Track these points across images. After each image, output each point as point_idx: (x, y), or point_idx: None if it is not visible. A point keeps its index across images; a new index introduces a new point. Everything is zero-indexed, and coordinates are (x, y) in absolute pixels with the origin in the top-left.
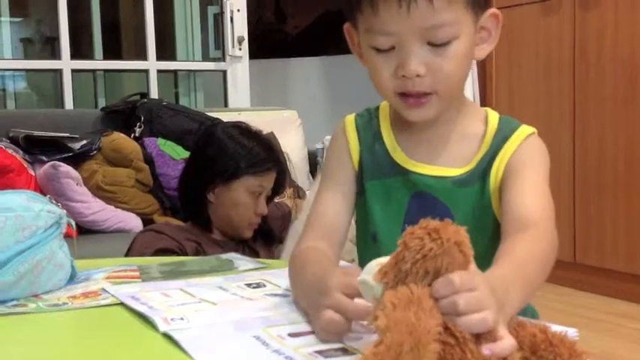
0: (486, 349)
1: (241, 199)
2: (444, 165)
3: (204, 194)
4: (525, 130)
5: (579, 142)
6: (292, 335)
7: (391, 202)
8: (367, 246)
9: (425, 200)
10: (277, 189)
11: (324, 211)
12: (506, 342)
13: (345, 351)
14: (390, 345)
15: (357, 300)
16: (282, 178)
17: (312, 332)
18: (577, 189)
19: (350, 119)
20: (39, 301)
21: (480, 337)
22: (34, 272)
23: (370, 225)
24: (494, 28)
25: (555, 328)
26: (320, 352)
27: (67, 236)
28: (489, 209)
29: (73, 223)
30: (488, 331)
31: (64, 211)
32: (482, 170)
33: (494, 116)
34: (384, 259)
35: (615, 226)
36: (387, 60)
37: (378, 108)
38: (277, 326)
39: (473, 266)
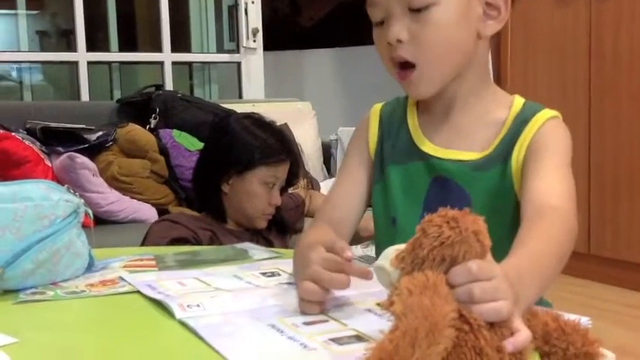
0: (509, 344)
1: (255, 190)
2: (464, 149)
3: (219, 185)
4: (547, 113)
5: (595, 134)
6: (307, 324)
7: (412, 186)
8: (386, 230)
9: (444, 184)
10: (291, 180)
11: (334, 202)
12: (523, 334)
13: (359, 338)
14: (405, 330)
15: (335, 274)
16: (296, 169)
17: (326, 321)
18: (592, 181)
19: (376, 108)
20: (57, 288)
21: (494, 326)
22: (52, 260)
23: (390, 209)
24: (503, 5)
25: (568, 316)
26: (334, 340)
27: (84, 226)
28: (510, 193)
29: (91, 213)
30: (503, 320)
31: (82, 201)
32: (503, 154)
33: (519, 101)
34: (401, 246)
35: (630, 217)
36: (381, 32)
37: (407, 96)
38: (292, 316)
39: (489, 256)
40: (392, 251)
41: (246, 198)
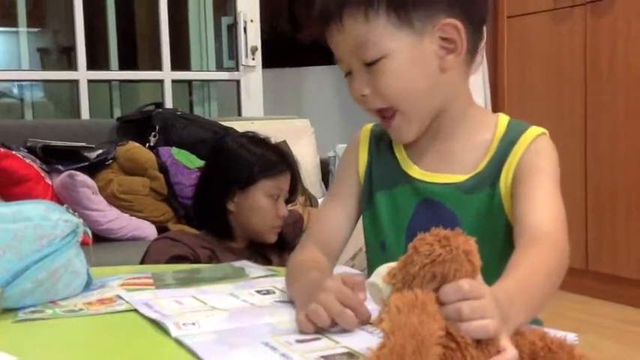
0: None
1: (261, 204)
2: (451, 172)
3: (224, 205)
4: (533, 131)
5: (591, 150)
6: (299, 342)
7: (398, 210)
8: (377, 255)
9: (431, 207)
10: (292, 191)
11: (323, 224)
12: (509, 353)
13: (350, 356)
14: (392, 348)
15: (346, 310)
16: (295, 183)
17: (319, 338)
18: (589, 197)
19: (366, 129)
20: (56, 307)
21: (481, 344)
22: (51, 280)
23: (379, 234)
24: (457, 37)
25: (555, 333)
26: (326, 357)
27: (83, 244)
28: (500, 215)
29: (89, 232)
30: (490, 338)
31: (81, 220)
32: (491, 176)
33: (503, 121)
34: (392, 264)
35: (628, 233)
36: (349, 82)
37: None
38: (285, 334)
39: (479, 277)
40: (384, 268)
41: (253, 213)
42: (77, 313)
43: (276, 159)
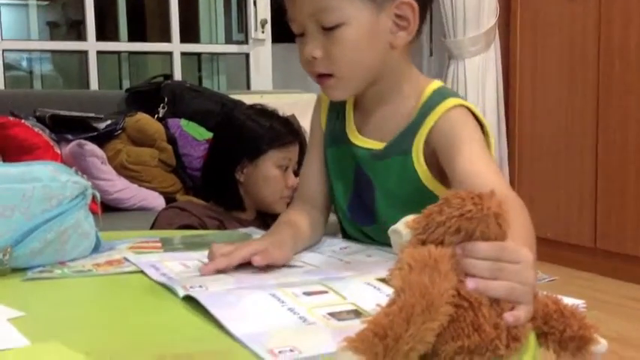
0: (509, 315)
1: (270, 174)
2: (375, 138)
3: (233, 176)
4: (450, 102)
5: (602, 128)
6: (307, 294)
7: (343, 169)
8: (339, 210)
9: (360, 171)
10: (301, 163)
11: (306, 180)
12: (524, 308)
13: (357, 314)
14: (402, 306)
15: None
16: (304, 153)
17: (326, 292)
18: (599, 174)
19: None
20: (64, 267)
21: (494, 303)
22: (60, 240)
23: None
24: (411, 16)
25: (566, 300)
26: (333, 314)
27: (91, 212)
28: (414, 181)
29: (98, 196)
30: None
31: (90, 183)
32: (402, 144)
33: (430, 89)
34: (409, 217)
35: (637, 211)
36: (300, 44)
37: None
38: (292, 287)
39: (510, 242)
40: (410, 217)
41: (263, 184)
42: (85, 274)
43: (285, 130)
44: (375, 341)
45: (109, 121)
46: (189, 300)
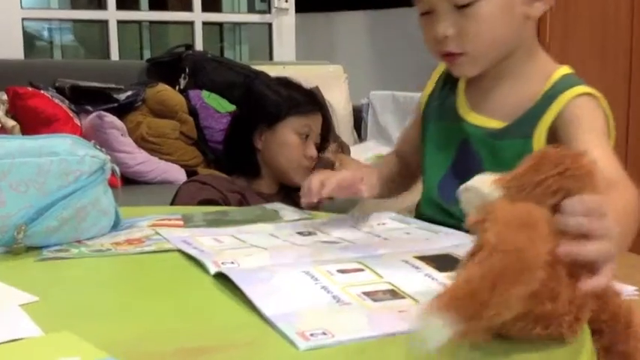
0: (583, 284)
1: (288, 140)
2: (491, 117)
3: (252, 143)
4: (579, 89)
5: (635, 104)
6: (341, 271)
7: (443, 145)
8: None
9: (466, 148)
10: (324, 136)
11: (403, 137)
12: (602, 279)
13: (394, 294)
14: (493, 265)
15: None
16: (327, 126)
17: (362, 270)
18: (630, 154)
19: (442, 66)
20: (82, 246)
21: (581, 267)
22: (77, 218)
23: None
24: None
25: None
26: (368, 294)
27: (111, 186)
28: None
29: (118, 170)
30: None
31: (109, 157)
32: (524, 128)
33: (558, 74)
34: (494, 175)
35: None
36: (427, 23)
37: None
38: (326, 265)
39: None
40: (487, 175)
41: (280, 149)
42: (104, 253)
43: (306, 99)
44: (466, 302)
45: (129, 92)
46: (220, 277)
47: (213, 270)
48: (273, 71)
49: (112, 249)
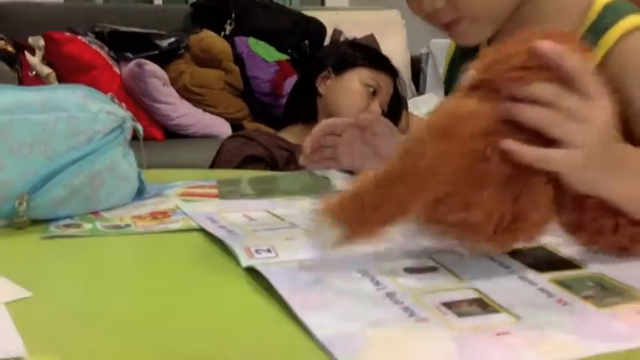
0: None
1: (353, 87)
2: None
3: (314, 85)
4: (629, 22)
5: None
6: (409, 271)
7: None
8: None
9: None
10: (392, 104)
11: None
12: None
13: (483, 305)
14: (386, 170)
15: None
16: (400, 97)
17: (436, 269)
18: None
19: (452, 45)
20: (97, 220)
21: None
22: (91, 186)
23: None
24: None
25: None
26: (449, 305)
27: (153, 139)
28: None
29: (140, 129)
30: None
31: (129, 114)
32: None
33: (600, 4)
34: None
35: None
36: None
37: None
38: (389, 261)
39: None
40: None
41: (342, 93)
42: (122, 230)
43: (381, 58)
44: (351, 204)
45: (172, 39)
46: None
47: (245, 262)
48: (324, 17)
49: (131, 225)
